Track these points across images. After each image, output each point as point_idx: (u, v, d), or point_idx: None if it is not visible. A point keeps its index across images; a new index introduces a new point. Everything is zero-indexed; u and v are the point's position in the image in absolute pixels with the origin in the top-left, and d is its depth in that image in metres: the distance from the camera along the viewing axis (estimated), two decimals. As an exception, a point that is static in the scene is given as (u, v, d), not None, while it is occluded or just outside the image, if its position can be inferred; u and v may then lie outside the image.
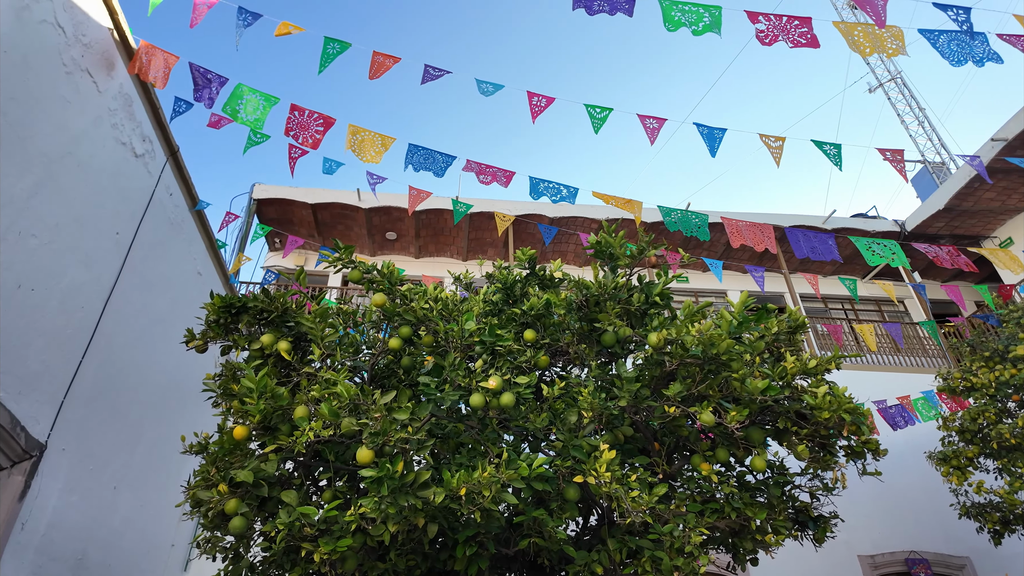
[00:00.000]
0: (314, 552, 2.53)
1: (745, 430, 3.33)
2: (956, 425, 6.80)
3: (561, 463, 2.82)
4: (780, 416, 3.19)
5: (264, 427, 2.69)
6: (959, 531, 9.20)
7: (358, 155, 5.48)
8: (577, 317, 3.33)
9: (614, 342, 3.31)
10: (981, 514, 6.81)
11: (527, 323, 3.32)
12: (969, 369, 6.69)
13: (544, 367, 3.30)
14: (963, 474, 6.55)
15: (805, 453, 3.11)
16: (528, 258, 3.52)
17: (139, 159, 6.83)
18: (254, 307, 3.15)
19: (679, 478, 3.74)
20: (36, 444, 5.09)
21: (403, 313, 2.98)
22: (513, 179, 5.66)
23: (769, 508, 3.35)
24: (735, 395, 3.09)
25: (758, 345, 3.29)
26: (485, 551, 2.81)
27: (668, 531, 2.88)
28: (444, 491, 2.41)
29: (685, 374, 3.06)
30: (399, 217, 13.74)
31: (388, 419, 2.39)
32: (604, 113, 4.79)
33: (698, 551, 2.87)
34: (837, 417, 3.02)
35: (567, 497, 2.93)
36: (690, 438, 3.47)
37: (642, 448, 3.71)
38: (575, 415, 2.97)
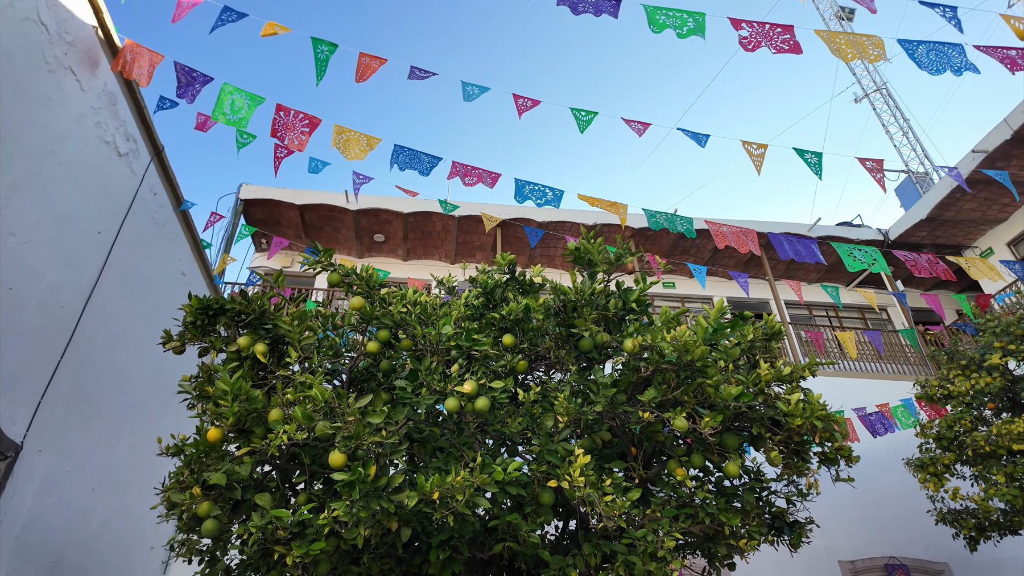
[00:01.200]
0: (287, 555, 2.52)
1: (720, 436, 3.36)
2: (933, 432, 6.89)
3: (536, 467, 2.84)
4: (754, 423, 3.23)
5: (238, 430, 2.69)
6: (938, 537, 9.32)
7: (343, 153, 5.48)
8: (555, 322, 3.36)
9: (591, 347, 3.33)
10: (957, 520, 6.90)
11: (506, 328, 3.34)
12: (946, 377, 6.79)
13: (523, 372, 3.32)
14: (939, 481, 6.64)
15: (778, 459, 3.15)
16: (508, 263, 3.54)
17: (123, 158, 6.79)
18: (232, 309, 3.15)
19: (657, 483, 3.77)
20: (11, 445, 5.03)
21: (381, 317, 2.98)
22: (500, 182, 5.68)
23: (743, 514, 3.38)
24: (710, 401, 3.13)
25: (733, 352, 3.32)
26: (459, 555, 2.82)
27: (641, 536, 2.90)
28: (417, 495, 2.41)
29: (660, 380, 3.09)
30: (387, 220, 13.73)
31: (362, 423, 2.40)
32: (589, 116, 4.83)
33: (671, 556, 2.90)
34: (809, 424, 3.06)
35: (541, 502, 2.95)
36: (666, 443, 3.50)
37: (620, 453, 3.74)
38: (551, 420, 2.98)
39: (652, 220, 5.58)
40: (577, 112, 4.78)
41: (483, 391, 2.70)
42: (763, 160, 4.61)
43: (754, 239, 5.79)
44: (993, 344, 6.48)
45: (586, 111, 4.79)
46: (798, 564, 9.09)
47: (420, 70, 4.90)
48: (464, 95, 4.82)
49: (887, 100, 17.96)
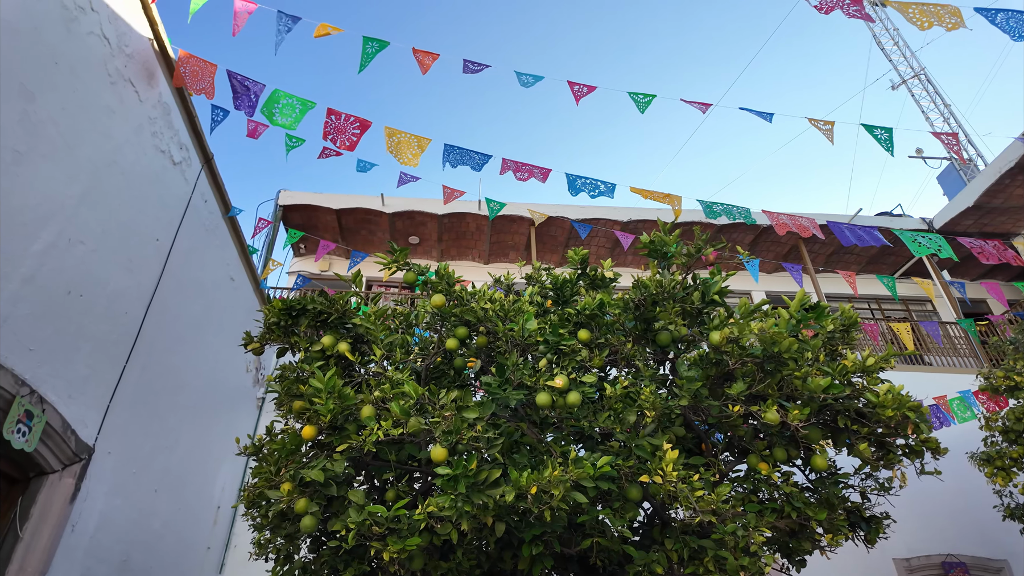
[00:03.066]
0: (383, 551, 2.54)
1: (805, 429, 3.30)
2: (999, 425, 6.68)
3: (623, 463, 2.81)
4: (839, 415, 3.16)
5: (331, 427, 2.72)
6: (996, 533, 9.04)
7: (397, 157, 5.53)
8: (632, 317, 3.33)
9: (670, 342, 3.30)
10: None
11: (580, 323, 3.32)
12: (1012, 367, 6.57)
13: (599, 367, 3.30)
14: (1008, 475, 6.43)
15: (867, 452, 3.08)
16: (580, 258, 3.52)
17: (176, 166, 6.95)
18: (313, 309, 3.19)
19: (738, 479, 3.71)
20: (85, 447, 5.18)
21: (461, 314, 2.99)
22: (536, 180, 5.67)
23: (828, 508, 3.32)
24: (794, 394, 3.07)
25: (815, 343, 3.26)
26: (550, 551, 2.81)
27: (731, 531, 2.86)
28: (514, 490, 2.41)
29: (744, 373, 3.04)
30: (421, 221, 13.82)
31: (459, 417, 2.41)
32: (648, 98, 4.80)
33: (762, 551, 2.85)
34: (900, 415, 2.98)
35: (629, 497, 2.93)
36: (745, 438, 3.44)
37: (691, 449, 3.70)
38: (634, 414, 2.96)
39: (708, 210, 5.52)
40: (635, 96, 4.75)
41: (574, 386, 2.69)
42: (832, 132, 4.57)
43: (814, 225, 5.68)
44: (1063, 332, 6.25)
45: (644, 94, 4.76)
46: (852, 562, 8.89)
47: (473, 63, 4.92)
48: (520, 82, 4.82)
49: (925, 86, 17.49)
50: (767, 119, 4.70)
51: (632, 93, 4.74)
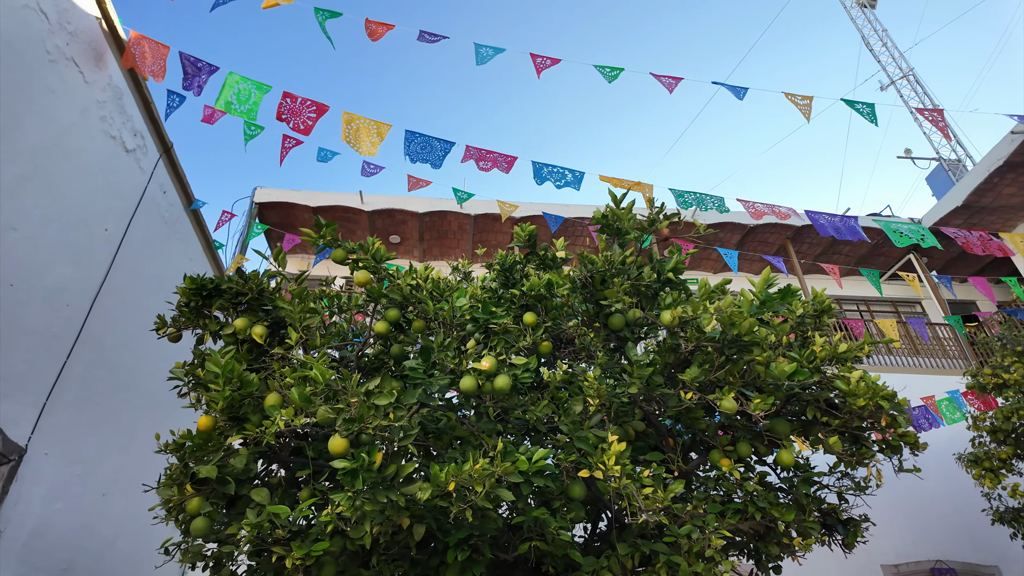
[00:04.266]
0: (285, 557, 2.24)
1: (769, 422, 3.02)
2: (987, 425, 6.42)
3: (565, 457, 2.53)
4: (808, 406, 2.88)
5: (233, 417, 2.42)
6: (987, 538, 8.77)
7: (354, 146, 5.24)
8: (582, 298, 3.04)
9: (623, 325, 3.01)
10: (1016, 519, 6.42)
11: (527, 306, 3.03)
12: (1000, 365, 6.32)
13: (547, 354, 3.01)
14: (996, 477, 6.17)
15: (838, 445, 2.80)
16: (528, 235, 3.22)
17: (130, 154, 6.63)
18: (228, 289, 2.90)
19: (696, 479, 3.42)
20: (15, 448, 4.83)
21: (389, 293, 2.70)
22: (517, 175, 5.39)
23: (798, 508, 3.03)
24: (758, 383, 2.79)
25: (783, 328, 2.98)
26: (480, 556, 2.51)
27: (685, 533, 2.57)
28: (431, 487, 2.12)
29: (702, 359, 2.76)
30: (402, 220, 13.52)
31: (366, 404, 2.11)
32: (616, 72, 4.54)
33: (720, 555, 2.56)
34: (873, 405, 2.70)
35: (572, 495, 2.63)
36: (707, 432, 3.16)
37: (655, 446, 3.41)
38: (580, 404, 2.67)
39: (680, 200, 5.26)
40: (602, 68, 4.49)
41: (503, 368, 2.40)
42: (809, 109, 4.32)
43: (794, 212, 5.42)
44: (1052, 328, 6.01)
45: (612, 67, 4.50)
46: (838, 569, 8.59)
47: (430, 34, 4.65)
48: (477, 59, 4.55)
49: (914, 87, 17.35)
50: (740, 95, 4.45)
51: (599, 66, 4.48)
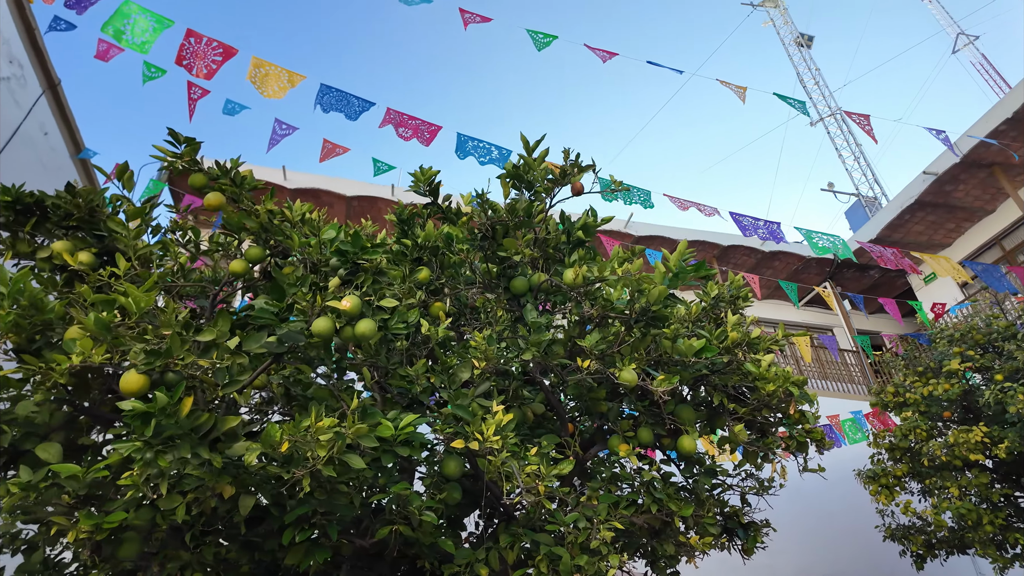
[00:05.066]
0: (68, 530, 1.76)
1: (674, 407, 2.78)
2: (886, 443, 6.54)
3: (441, 427, 2.16)
4: (716, 390, 2.65)
5: (18, 350, 1.92)
6: (883, 555, 9.03)
7: (260, 88, 4.73)
8: (483, 256, 2.70)
9: (526, 289, 2.69)
10: (906, 536, 6.55)
11: (420, 259, 2.66)
12: (903, 384, 6.46)
13: (439, 315, 2.64)
14: (891, 494, 6.27)
15: (743, 434, 2.57)
16: (427, 179, 2.84)
17: (3, 82, 5.81)
18: (54, 206, 2.38)
19: (595, 469, 3.14)
20: None
21: (244, 220, 2.26)
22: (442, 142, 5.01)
23: (697, 504, 2.79)
24: (664, 359, 2.53)
25: (695, 307, 2.75)
26: (326, 539, 2.10)
27: (572, 521, 2.26)
28: (261, 448, 1.70)
29: (608, 330, 2.48)
30: (328, 202, 12.82)
31: (179, 337, 1.68)
32: (548, 39, 4.29)
33: (607, 549, 2.26)
34: (783, 392, 2.50)
35: (446, 473, 2.27)
36: (609, 416, 2.88)
37: (554, 431, 3.11)
38: (467, 371, 2.32)
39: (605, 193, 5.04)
40: (534, 34, 4.22)
41: (369, 312, 2.01)
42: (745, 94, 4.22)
43: (718, 212, 5.34)
44: (952, 350, 6.19)
45: (544, 33, 4.25)
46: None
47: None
48: (407, 0, 4.18)
49: (840, 125, 18.36)
50: (678, 73, 4.32)
51: (531, 31, 4.23)
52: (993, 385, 5.57)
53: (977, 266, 6.10)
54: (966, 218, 12.78)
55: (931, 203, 12.30)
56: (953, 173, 11.65)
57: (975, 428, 5.63)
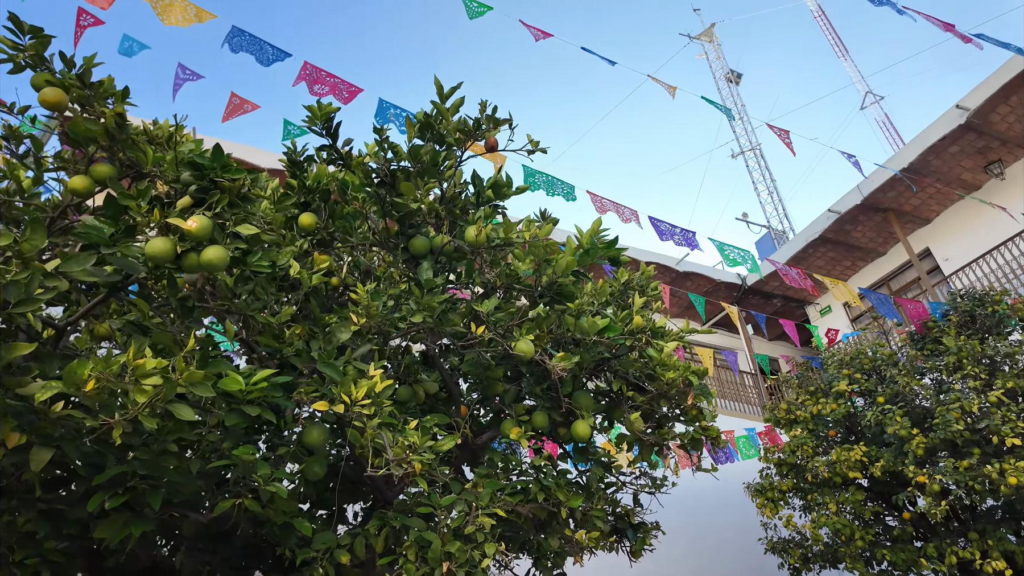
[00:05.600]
0: None
1: (573, 394, 2.62)
2: (775, 458, 6.77)
3: (307, 390, 1.88)
4: (616, 376, 2.51)
5: None
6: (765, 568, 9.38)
7: (161, 15, 4.23)
8: (380, 210, 2.43)
9: (427, 251, 2.45)
10: (784, 550, 6.77)
11: (307, 204, 2.36)
12: (795, 401, 6.73)
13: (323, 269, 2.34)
14: (776, 507, 6.47)
15: (639, 423, 2.45)
16: (324, 117, 2.52)
17: None
18: None
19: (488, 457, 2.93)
20: None
21: (86, 124, 1.88)
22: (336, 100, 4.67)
23: (587, 495, 2.63)
24: (567, 338, 2.37)
25: (603, 288, 2.62)
26: (151, 511, 1.75)
27: (446, 504, 2.03)
28: (59, 387, 1.36)
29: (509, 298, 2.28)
30: (242, 173, 12.00)
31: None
32: (483, 9, 4.11)
33: (484, 537, 2.05)
34: (684, 380, 2.40)
35: (308, 442, 1.98)
36: (505, 399, 2.69)
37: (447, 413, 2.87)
38: (348, 332, 2.05)
39: (530, 179, 4.92)
40: (468, 1, 4.02)
41: (222, 238, 1.70)
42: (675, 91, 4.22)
43: (636, 216, 5.31)
44: (841, 373, 6.50)
45: (480, 3, 4.06)
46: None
47: None
48: None
49: (759, 160, 19.45)
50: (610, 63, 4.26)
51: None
52: (875, 407, 5.87)
53: (870, 293, 6.47)
54: (861, 257, 13.72)
55: (832, 240, 13.12)
56: (853, 214, 12.48)
57: (856, 447, 5.91)
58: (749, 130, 19.90)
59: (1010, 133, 10.67)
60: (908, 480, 5.56)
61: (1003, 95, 10.03)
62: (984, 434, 5.17)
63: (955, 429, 5.17)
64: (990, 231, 11.35)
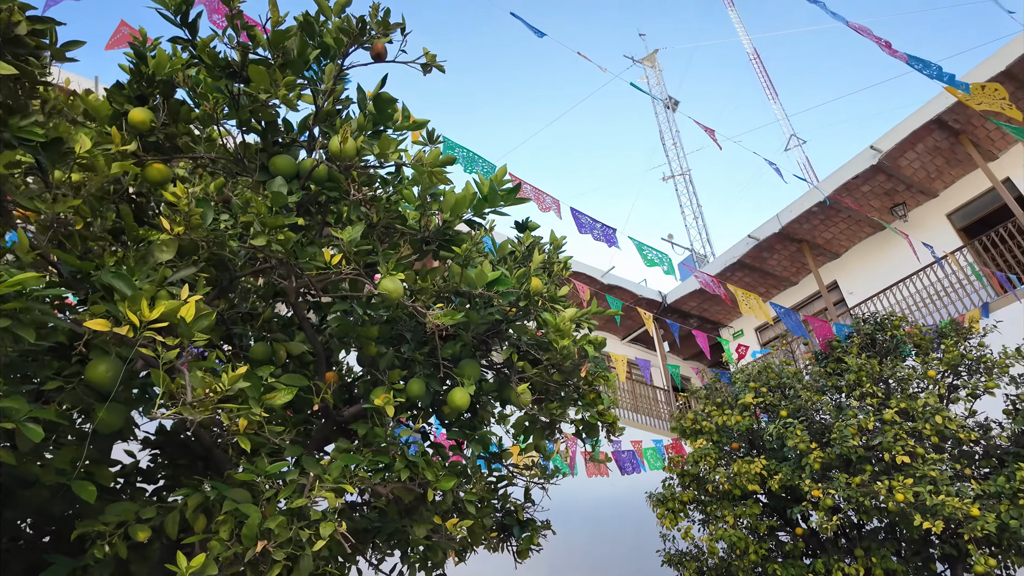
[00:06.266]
0: None
1: (460, 363, 2.29)
2: (679, 469, 6.70)
3: (94, 310, 1.44)
4: (507, 343, 2.20)
5: None
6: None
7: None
8: (236, 115, 2.01)
9: (293, 173, 2.05)
10: (681, 562, 6.69)
11: (140, 97, 1.91)
12: (701, 412, 6.69)
13: (160, 181, 1.88)
14: (676, 518, 6.38)
15: (527, 396, 2.14)
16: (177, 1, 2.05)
17: None
18: None
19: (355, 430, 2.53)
20: None
21: None
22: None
23: (462, 476, 2.29)
24: (451, 288, 2.03)
25: (504, 245, 2.31)
26: None
27: (273, 473, 1.64)
28: None
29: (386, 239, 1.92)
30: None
31: None
32: None
33: (321, 515, 1.67)
34: (579, 350, 2.12)
35: (92, 379, 1.53)
36: (380, 363, 2.31)
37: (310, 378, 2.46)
38: (169, 251, 1.62)
39: (448, 151, 4.60)
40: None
41: None
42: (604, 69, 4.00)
43: (557, 205, 5.09)
44: (749, 385, 6.51)
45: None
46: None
47: None
48: None
49: (688, 185, 20.05)
50: (539, 35, 4.02)
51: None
52: (778, 420, 5.88)
53: (779, 307, 6.56)
54: (775, 284, 14.24)
55: (750, 265, 13.54)
56: (771, 242, 12.94)
57: (756, 460, 5.89)
58: (681, 156, 20.57)
59: (915, 178, 11.37)
60: (804, 495, 5.58)
61: (911, 141, 10.67)
62: (877, 451, 5.25)
63: (851, 445, 5.22)
64: (892, 269, 12.03)
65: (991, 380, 5.61)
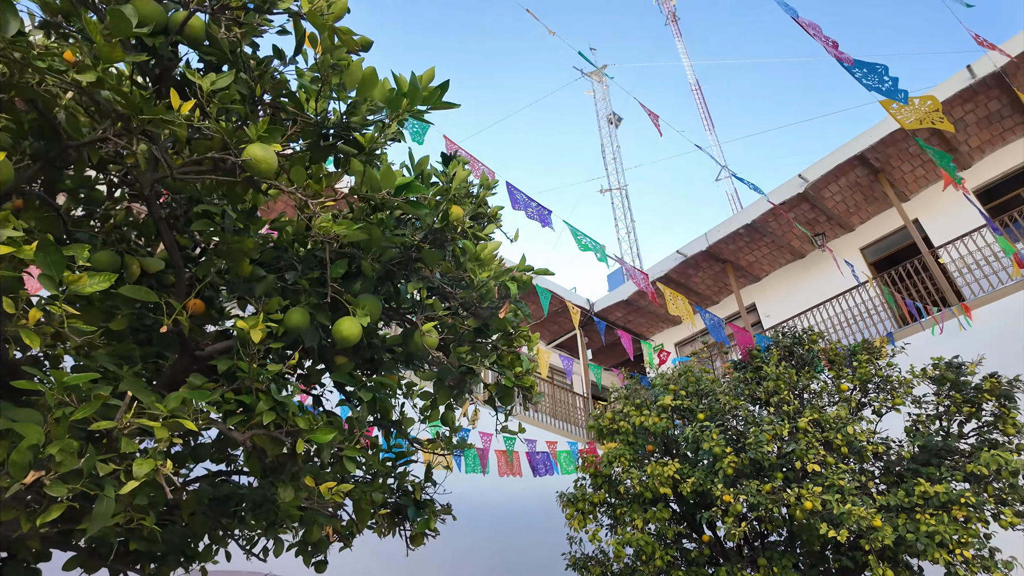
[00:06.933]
0: None
1: (359, 296, 1.90)
2: (592, 469, 6.50)
3: None
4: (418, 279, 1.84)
5: None
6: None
7: None
8: None
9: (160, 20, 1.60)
10: (585, 566, 6.47)
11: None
12: (620, 411, 6.54)
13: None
14: (584, 519, 6.16)
15: (433, 337, 1.79)
16: None
17: None
18: None
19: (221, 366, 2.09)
20: None
21: None
22: None
23: (344, 433, 1.90)
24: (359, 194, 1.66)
25: (422, 162, 1.96)
26: None
27: (73, 383, 1.20)
28: None
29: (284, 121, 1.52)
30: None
31: None
32: None
33: (157, 457, 1.24)
34: (500, 288, 1.79)
35: None
36: (256, 290, 1.89)
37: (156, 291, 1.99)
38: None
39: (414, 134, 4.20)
40: None
41: None
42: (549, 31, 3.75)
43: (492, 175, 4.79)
44: (669, 387, 6.42)
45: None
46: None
47: None
48: None
49: (623, 199, 20.35)
50: None
51: None
52: (695, 423, 5.80)
53: (703, 311, 6.54)
54: (698, 302, 14.54)
55: (676, 280, 13.76)
56: (697, 259, 13.21)
57: (671, 463, 5.77)
58: (620, 171, 20.88)
59: (836, 211, 11.90)
60: (715, 500, 5.50)
61: (835, 174, 11.15)
62: (790, 458, 5.23)
63: (765, 451, 5.18)
64: (807, 295, 12.53)
65: (898, 398, 5.76)
